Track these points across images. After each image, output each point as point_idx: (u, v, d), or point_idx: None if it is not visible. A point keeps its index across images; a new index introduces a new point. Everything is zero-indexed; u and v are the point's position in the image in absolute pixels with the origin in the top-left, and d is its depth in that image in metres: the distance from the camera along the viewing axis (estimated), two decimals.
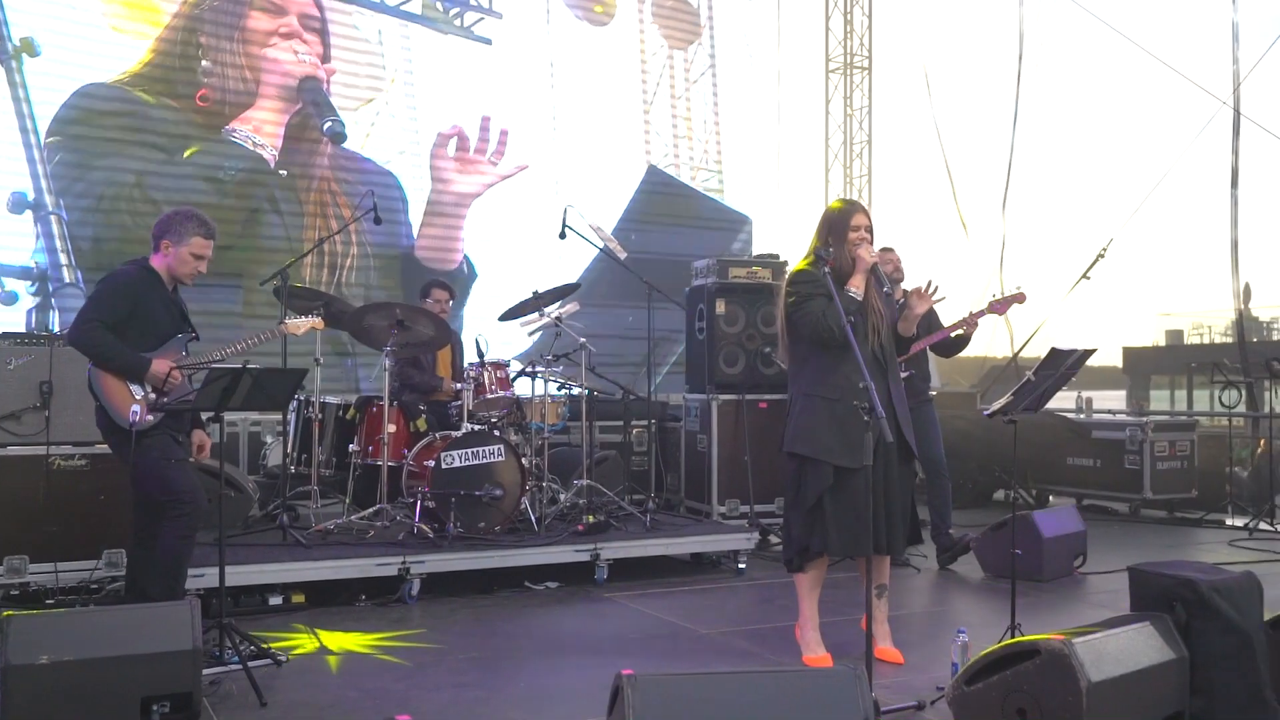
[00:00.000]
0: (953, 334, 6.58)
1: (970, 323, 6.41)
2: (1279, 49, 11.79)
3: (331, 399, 7.01)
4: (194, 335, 4.88)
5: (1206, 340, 32.75)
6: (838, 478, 4.48)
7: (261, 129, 9.78)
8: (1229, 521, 9.11)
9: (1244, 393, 9.81)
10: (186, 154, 9.42)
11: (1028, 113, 14.06)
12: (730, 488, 7.85)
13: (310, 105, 9.97)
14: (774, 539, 7.56)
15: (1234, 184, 12.77)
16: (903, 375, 4.87)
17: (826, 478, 4.49)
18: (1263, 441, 13.87)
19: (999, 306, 6.12)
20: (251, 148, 9.71)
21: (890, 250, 7.07)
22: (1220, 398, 9.64)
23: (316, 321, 5.54)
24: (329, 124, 10.00)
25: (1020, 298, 6.18)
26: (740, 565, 6.74)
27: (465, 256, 10.73)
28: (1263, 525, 8.62)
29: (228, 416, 4.62)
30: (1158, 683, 3.59)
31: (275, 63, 9.86)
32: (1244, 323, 17.53)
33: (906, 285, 6.93)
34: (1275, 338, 32.57)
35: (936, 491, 6.98)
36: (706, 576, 6.68)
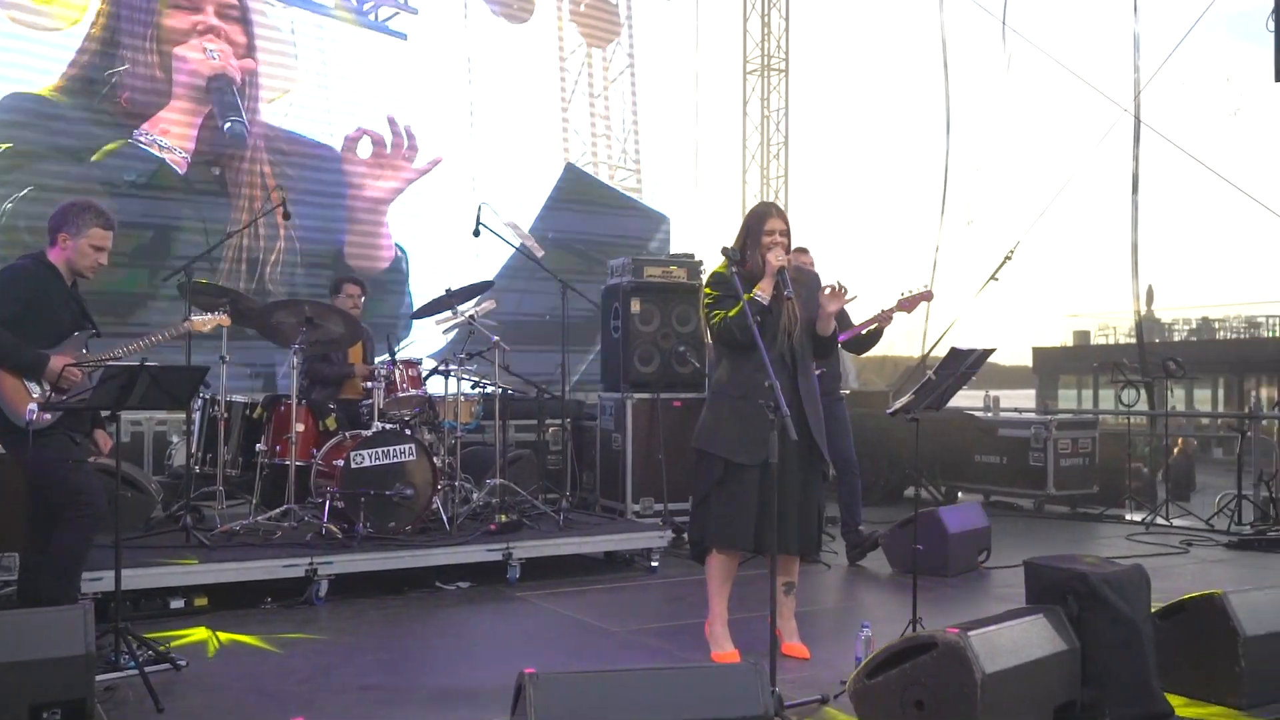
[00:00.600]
0: (864, 331, 6.71)
1: (883, 319, 6.54)
2: (1178, 58, 12.19)
3: (238, 397, 6.89)
4: (95, 332, 4.76)
5: (1112, 341, 33.67)
6: (728, 472, 4.58)
7: (169, 131, 9.51)
8: (1128, 516, 9.39)
9: (1142, 392, 10.11)
10: (93, 158, 9.15)
11: (924, 116, 14.30)
12: (645, 486, 7.87)
13: (215, 105, 9.75)
14: (687, 537, 7.59)
15: (1134, 189, 13.17)
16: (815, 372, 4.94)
17: (716, 471, 4.60)
18: (1181, 440, 14.32)
19: (907, 304, 6.27)
20: (157, 151, 9.44)
21: (805, 252, 7.16)
22: (1120, 397, 9.92)
23: (222, 319, 5.45)
24: (229, 124, 9.74)
25: (928, 295, 6.34)
26: (653, 563, 6.78)
27: (399, 246, 10.62)
28: (1159, 520, 8.89)
29: (133, 415, 4.52)
30: (1050, 673, 3.70)
31: (184, 61, 9.61)
32: (1146, 324, 18.09)
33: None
34: (1176, 339, 33.66)
35: (846, 488, 7.09)
36: (619, 575, 6.70)
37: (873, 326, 6.67)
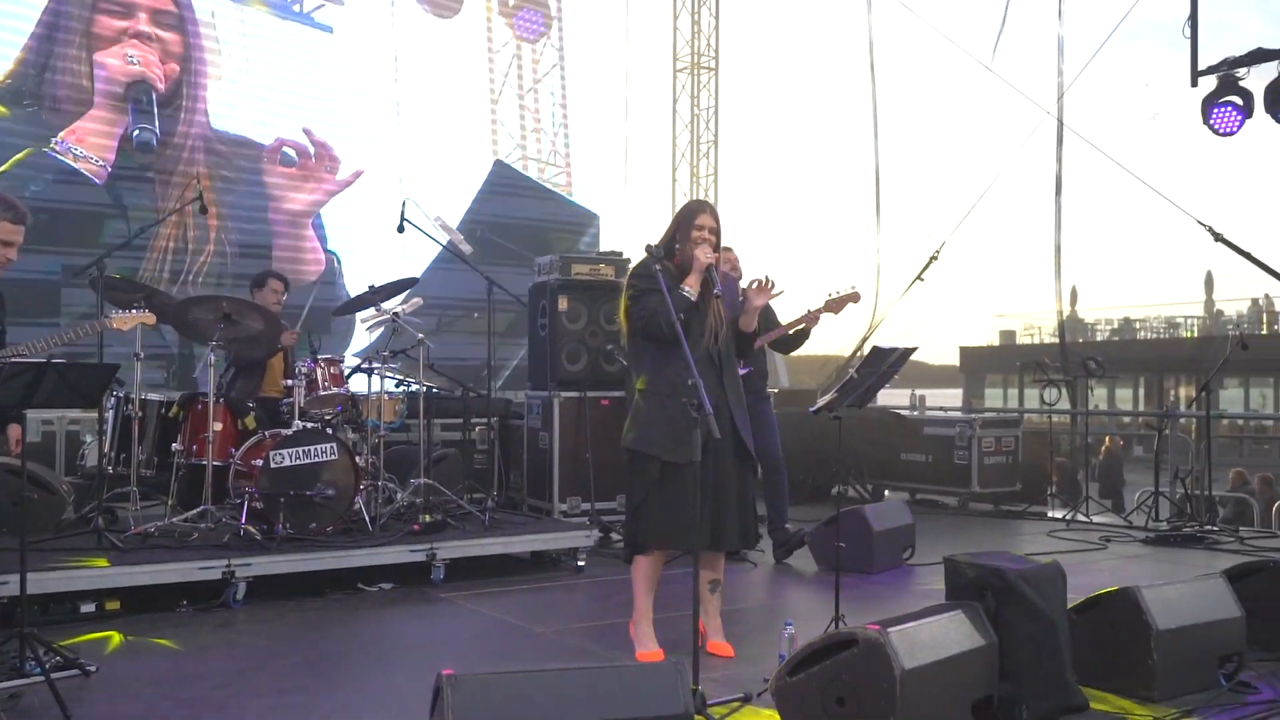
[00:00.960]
0: (792, 330, 6.75)
1: (810, 319, 6.58)
2: (1100, 63, 12.44)
3: (154, 395, 6.75)
4: None
5: (1037, 340, 34.33)
6: (664, 472, 4.54)
7: (86, 140, 9.25)
8: (1050, 514, 9.57)
9: (1063, 391, 10.32)
10: (1, 169, 8.89)
11: (881, 120, 14.44)
12: (572, 485, 7.87)
13: (130, 112, 9.51)
14: (615, 536, 7.60)
15: (1058, 191, 13.44)
16: (741, 372, 4.95)
17: (653, 472, 4.56)
18: (1108, 439, 14.63)
19: (834, 305, 6.31)
20: (72, 161, 9.18)
21: (729, 250, 7.19)
22: (1043, 395, 10.12)
23: (147, 316, 5.35)
24: (136, 132, 9.50)
25: (855, 297, 6.38)
26: (580, 563, 6.76)
27: (332, 253, 10.47)
28: (1080, 517, 9.08)
29: (45, 415, 4.40)
30: (968, 668, 3.75)
31: (103, 68, 9.38)
32: (1070, 324, 18.45)
33: (744, 283, 7.12)
34: (1099, 339, 34.46)
35: (772, 487, 7.14)
36: (546, 575, 6.68)
37: (800, 326, 6.72)
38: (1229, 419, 23.79)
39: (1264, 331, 29.48)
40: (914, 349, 4.55)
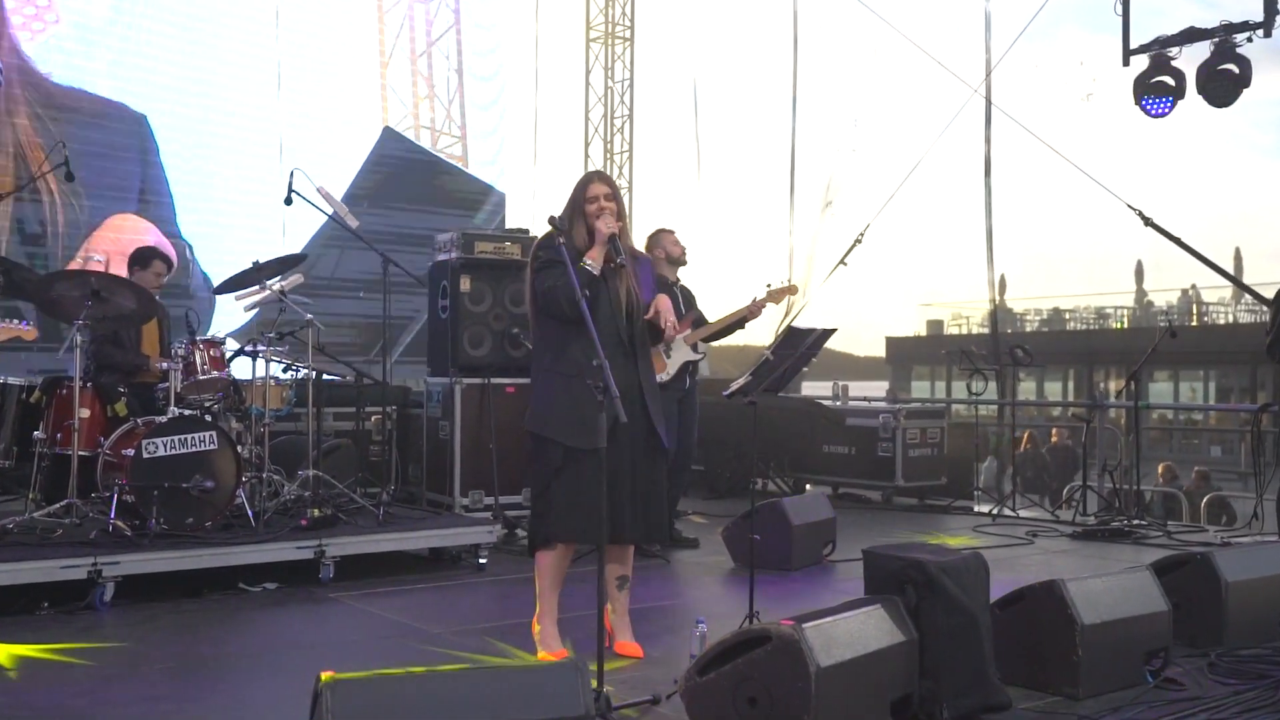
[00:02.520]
0: (734, 320, 6.96)
1: (752, 310, 6.84)
2: (1030, 41, 12.66)
3: (14, 379, 6.52)
4: None
5: (965, 331, 34.95)
6: (568, 459, 4.49)
7: None
8: (977, 508, 9.73)
9: (991, 381, 10.49)
10: None
11: (804, 98, 14.51)
12: (474, 478, 7.80)
13: None
14: (520, 532, 7.55)
15: (987, 173, 13.64)
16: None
17: (556, 458, 4.51)
18: (1028, 433, 14.90)
19: (775, 296, 6.64)
20: None
21: (669, 231, 7.35)
22: (970, 386, 10.27)
23: (25, 332, 5.21)
24: None
25: (793, 289, 6.82)
26: (481, 560, 6.70)
27: (185, 242, 10.22)
28: (1006, 511, 9.24)
29: None
30: (888, 665, 3.77)
31: None
32: (999, 314, 18.79)
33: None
34: (1028, 329, 35.17)
35: (676, 478, 7.20)
36: (445, 573, 6.61)
37: (741, 316, 6.89)
38: (1159, 410, 24.45)
39: (1194, 322, 30.33)
40: (833, 330, 4.57)
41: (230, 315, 8.57)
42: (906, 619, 3.88)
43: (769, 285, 6.77)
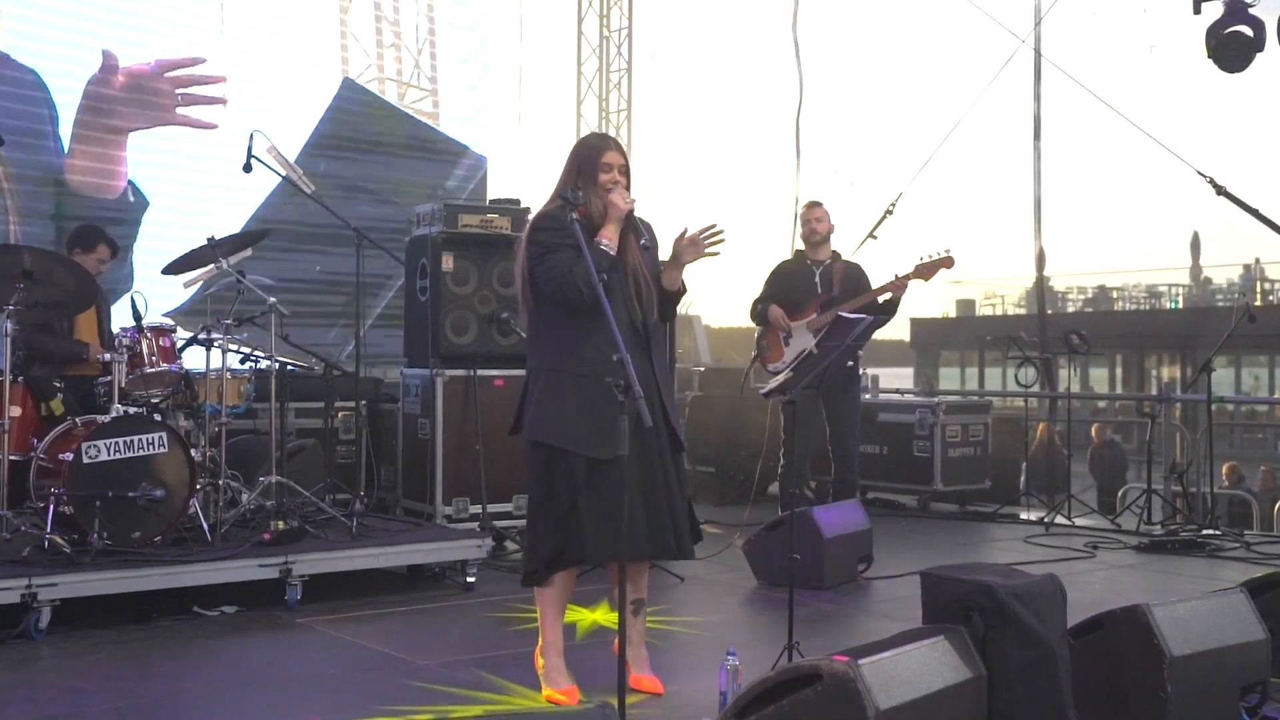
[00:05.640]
0: (880, 299, 6.84)
1: (897, 286, 6.74)
2: None
3: None
4: None
5: (1000, 311, 35.06)
6: (591, 471, 4.40)
7: None
8: (1024, 515, 9.68)
9: (1040, 370, 10.45)
10: None
11: (811, 49, 14.38)
12: (458, 484, 7.72)
13: None
14: (512, 545, 7.50)
15: (1036, 135, 13.56)
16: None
17: (579, 472, 4.42)
18: (1041, 427, 14.84)
19: (925, 270, 6.57)
20: None
21: (818, 205, 7.45)
22: (1016, 375, 10.21)
23: None
24: None
25: (948, 262, 6.69)
26: (469, 579, 6.65)
27: (131, 181, 10.08)
28: (1060, 519, 9.19)
29: None
30: (953, 706, 3.70)
31: None
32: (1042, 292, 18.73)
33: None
34: (1070, 309, 35.20)
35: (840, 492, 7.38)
36: (428, 593, 6.59)
37: (886, 296, 6.80)
38: (1232, 404, 24.28)
39: (1258, 302, 30.34)
40: (885, 319, 4.48)
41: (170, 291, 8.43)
42: (974, 652, 3.81)
43: (921, 258, 6.64)
